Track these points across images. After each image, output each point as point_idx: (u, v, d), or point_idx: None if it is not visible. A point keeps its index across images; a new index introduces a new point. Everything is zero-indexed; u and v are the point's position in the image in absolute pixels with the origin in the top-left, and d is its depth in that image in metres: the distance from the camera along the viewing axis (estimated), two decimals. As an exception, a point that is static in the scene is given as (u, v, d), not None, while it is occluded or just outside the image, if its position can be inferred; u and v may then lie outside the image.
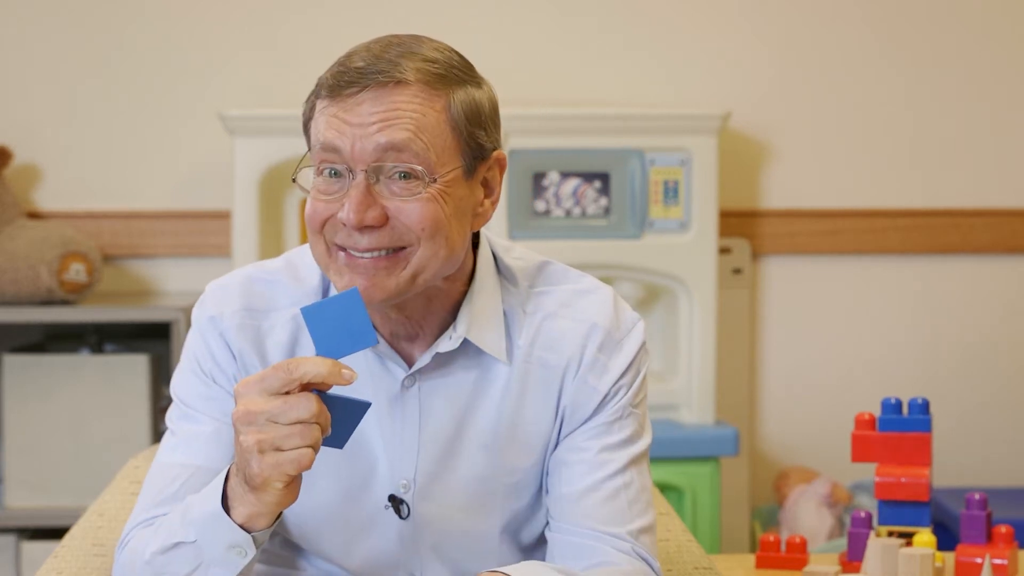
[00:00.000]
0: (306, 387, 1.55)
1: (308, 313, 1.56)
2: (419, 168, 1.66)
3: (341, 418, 1.58)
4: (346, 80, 1.67)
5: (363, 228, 1.66)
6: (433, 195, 1.67)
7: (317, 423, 1.54)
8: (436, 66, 1.69)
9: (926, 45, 3.76)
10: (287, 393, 1.55)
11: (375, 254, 1.67)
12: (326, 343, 1.56)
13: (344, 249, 1.68)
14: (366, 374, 1.77)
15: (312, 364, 1.54)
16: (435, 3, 3.68)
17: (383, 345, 1.76)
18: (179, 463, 1.77)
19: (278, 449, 1.54)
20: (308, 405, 1.54)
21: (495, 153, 1.74)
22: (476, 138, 1.71)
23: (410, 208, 1.66)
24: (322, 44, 3.65)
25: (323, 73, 1.72)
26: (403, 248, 1.68)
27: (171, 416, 1.82)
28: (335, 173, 1.68)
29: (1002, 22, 3.77)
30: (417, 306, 1.74)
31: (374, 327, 1.76)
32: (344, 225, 1.66)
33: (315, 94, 1.72)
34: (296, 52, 3.67)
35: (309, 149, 1.74)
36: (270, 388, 1.55)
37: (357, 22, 3.67)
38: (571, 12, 3.71)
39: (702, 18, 3.72)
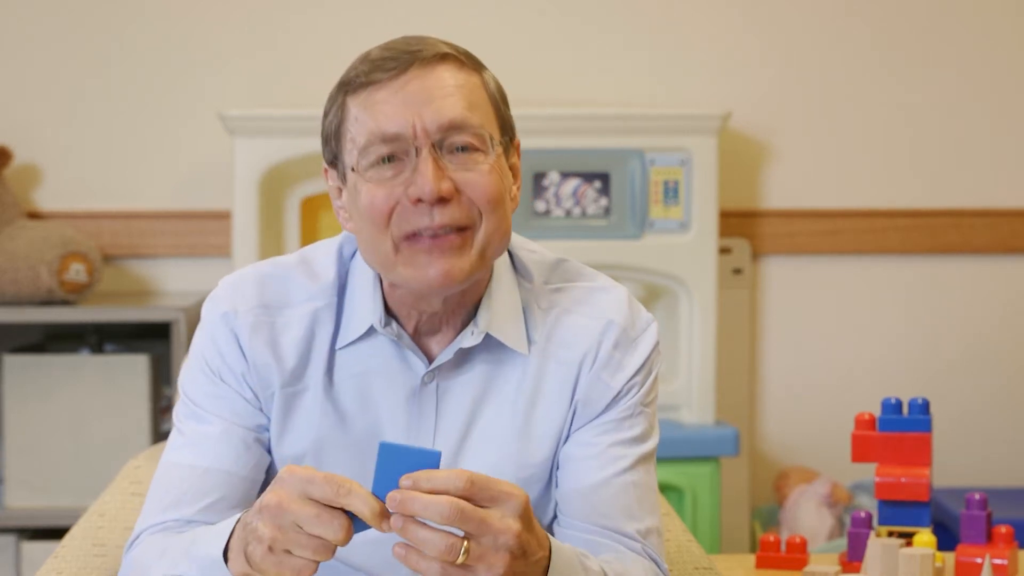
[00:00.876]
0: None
1: (385, 449, 1.50)
2: (482, 138, 1.67)
3: (357, 526, 1.53)
4: (387, 67, 1.66)
5: (438, 201, 1.64)
6: (492, 167, 1.68)
7: (335, 545, 1.51)
8: (459, 49, 1.71)
9: (926, 45, 3.76)
10: (324, 506, 1.49)
11: (447, 231, 1.66)
12: (385, 483, 1.50)
13: (416, 235, 1.66)
14: (384, 369, 1.76)
15: (362, 501, 1.48)
16: (436, 3, 3.68)
17: (407, 339, 1.76)
18: (187, 464, 1.76)
19: (287, 552, 1.51)
20: (337, 529, 1.49)
21: (516, 139, 1.76)
22: (507, 117, 1.73)
23: (475, 179, 1.66)
24: (322, 44, 3.65)
25: (345, 76, 1.70)
26: (467, 228, 1.67)
27: (178, 413, 1.81)
28: (390, 159, 1.67)
29: (1002, 23, 3.77)
30: (454, 297, 1.74)
31: (400, 323, 1.76)
32: (419, 202, 1.65)
33: (343, 94, 1.70)
34: (296, 52, 3.67)
35: (336, 155, 1.71)
36: (312, 493, 1.49)
37: (357, 22, 3.67)
38: (571, 12, 3.71)
39: (702, 18, 3.72)
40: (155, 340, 3.57)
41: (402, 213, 1.66)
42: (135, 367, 3.40)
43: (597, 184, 3.44)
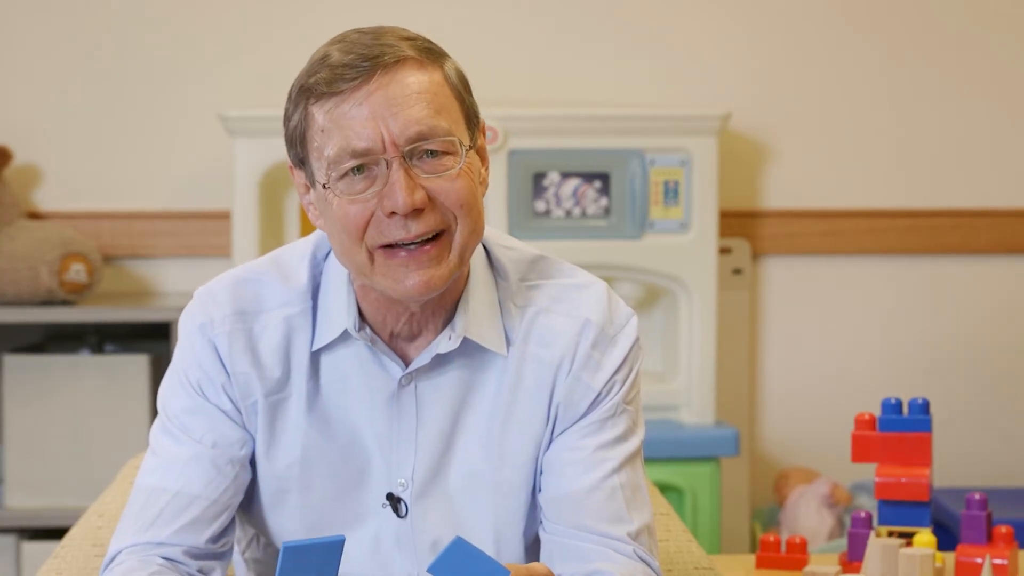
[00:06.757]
0: None
1: (288, 551, 1.42)
2: (449, 144, 1.66)
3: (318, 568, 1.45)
4: (349, 76, 1.66)
5: (412, 212, 1.64)
6: (462, 171, 1.67)
7: None
8: (418, 41, 1.71)
9: (926, 45, 3.76)
10: None
11: (423, 239, 1.65)
12: None
13: (391, 246, 1.66)
14: (361, 373, 1.75)
15: None
16: (436, 3, 3.68)
17: (382, 345, 1.75)
18: (159, 487, 1.75)
19: None
20: None
21: (482, 122, 1.75)
22: (471, 105, 1.72)
23: (447, 186, 1.65)
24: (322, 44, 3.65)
25: (306, 79, 1.69)
26: (443, 232, 1.67)
27: (155, 430, 1.80)
28: (359, 170, 1.65)
29: (1001, 23, 3.77)
30: (432, 299, 1.73)
31: (373, 329, 1.75)
32: (392, 215, 1.64)
33: (305, 99, 1.69)
34: (296, 52, 3.64)
35: (303, 160, 1.71)
36: None
37: (357, 23, 3.65)
38: (571, 12, 3.71)
39: (702, 18, 3.72)
40: (155, 340, 3.57)
41: (377, 225, 1.65)
42: (135, 367, 3.40)
43: (597, 184, 3.44)
